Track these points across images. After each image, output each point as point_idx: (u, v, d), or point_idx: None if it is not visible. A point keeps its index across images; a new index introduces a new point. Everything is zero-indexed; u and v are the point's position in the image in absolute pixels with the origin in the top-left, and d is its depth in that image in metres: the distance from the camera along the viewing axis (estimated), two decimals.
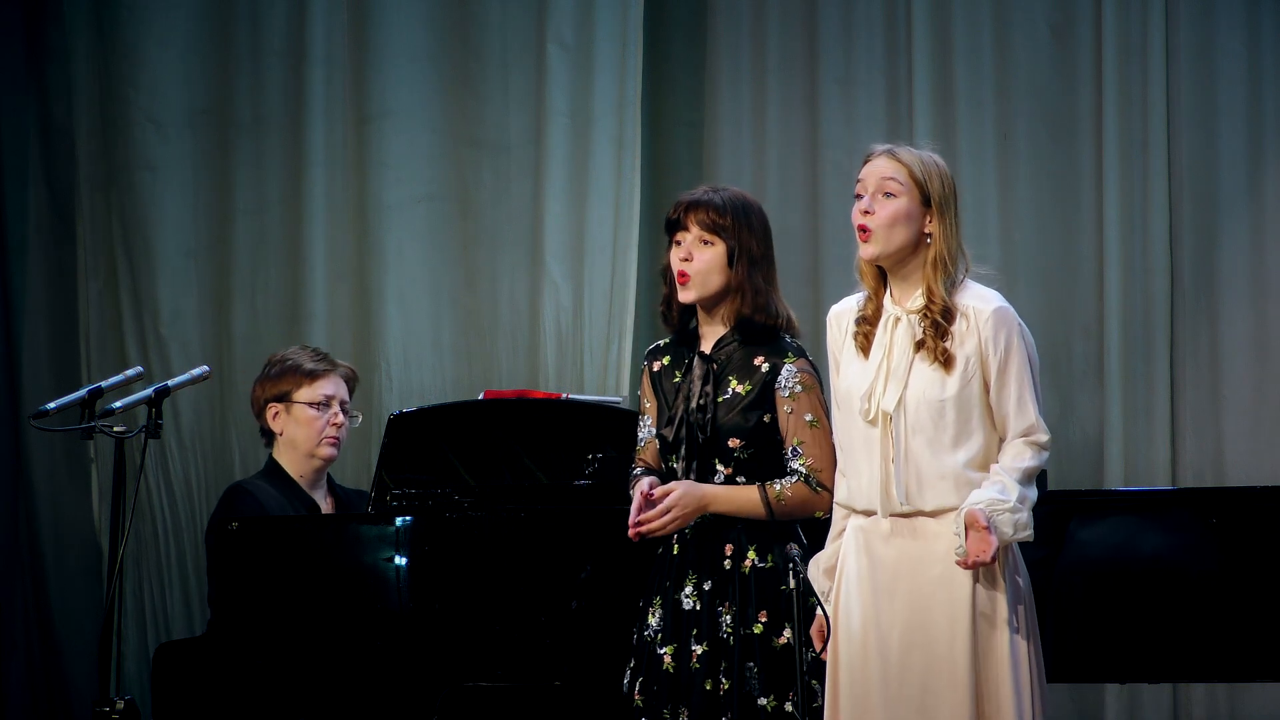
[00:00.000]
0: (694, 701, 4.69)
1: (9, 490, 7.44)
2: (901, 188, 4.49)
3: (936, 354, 4.44)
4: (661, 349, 4.92)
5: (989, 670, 4.39)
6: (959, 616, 4.39)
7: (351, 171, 7.43)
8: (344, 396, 6.19)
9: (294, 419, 6.12)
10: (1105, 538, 5.43)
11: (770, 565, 4.73)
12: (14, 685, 7.40)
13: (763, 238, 4.81)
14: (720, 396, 4.76)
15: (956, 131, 7.11)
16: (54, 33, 7.52)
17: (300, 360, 6.17)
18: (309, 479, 6.15)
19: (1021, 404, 4.43)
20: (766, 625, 4.71)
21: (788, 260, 7.19)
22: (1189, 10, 6.96)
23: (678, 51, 7.47)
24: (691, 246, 4.78)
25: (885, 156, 4.53)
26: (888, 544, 4.47)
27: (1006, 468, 4.40)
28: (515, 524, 5.44)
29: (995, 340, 4.44)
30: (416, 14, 7.41)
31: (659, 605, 4.79)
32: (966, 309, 4.46)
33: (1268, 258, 6.92)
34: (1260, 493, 5.46)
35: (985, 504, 4.34)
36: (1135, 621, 5.37)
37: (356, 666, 5.47)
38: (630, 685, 4.79)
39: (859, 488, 4.51)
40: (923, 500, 4.43)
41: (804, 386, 4.75)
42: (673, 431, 4.78)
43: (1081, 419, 7.03)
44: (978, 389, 4.44)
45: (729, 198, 4.80)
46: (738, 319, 4.78)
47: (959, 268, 4.50)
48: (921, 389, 4.44)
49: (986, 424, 4.45)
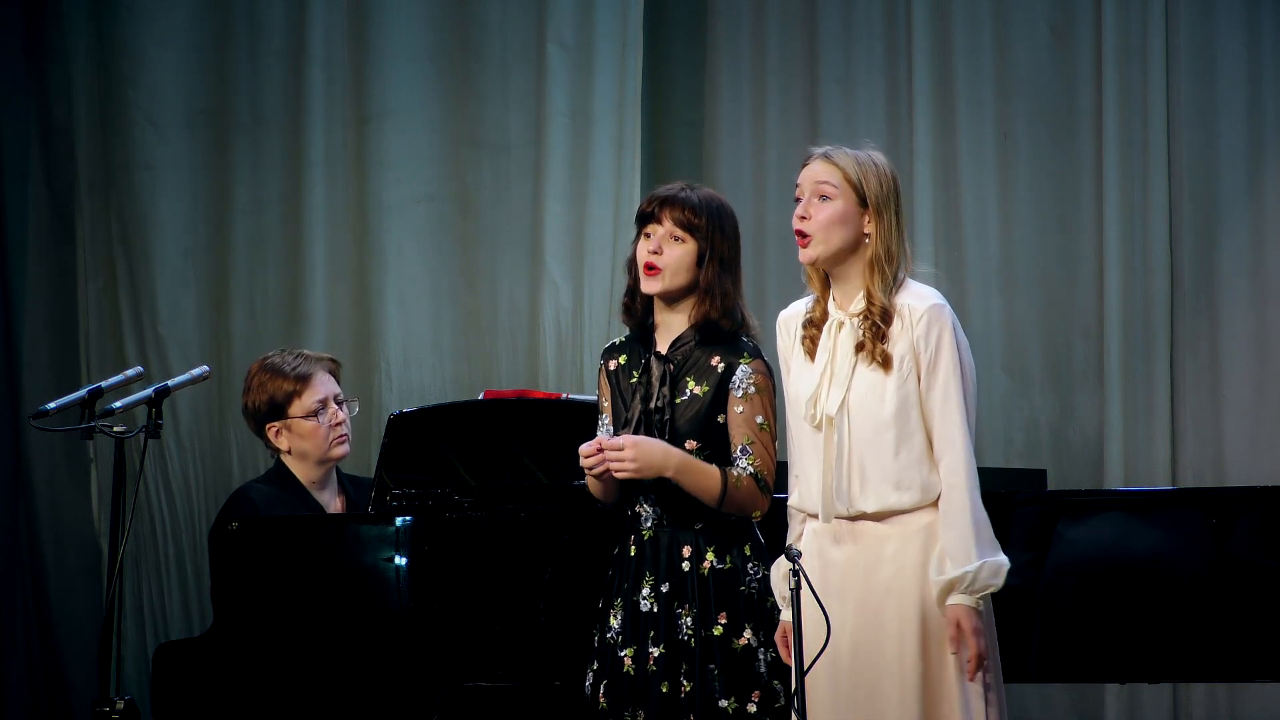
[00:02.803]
0: (651, 703, 4.68)
1: (9, 490, 7.44)
2: (836, 190, 4.49)
3: (875, 355, 4.45)
4: (618, 347, 4.89)
5: (940, 672, 4.38)
6: (908, 618, 4.39)
7: (351, 171, 7.43)
8: (335, 390, 6.12)
9: (296, 434, 6.01)
10: (1105, 538, 5.43)
11: (729, 566, 4.71)
12: (14, 685, 7.40)
13: (734, 241, 4.78)
14: (678, 397, 4.74)
15: (956, 131, 7.12)
16: (54, 33, 7.52)
17: (281, 371, 6.04)
18: (319, 481, 6.12)
19: (945, 407, 4.41)
20: (726, 627, 4.69)
21: (788, 260, 7.19)
22: (1189, 10, 6.96)
23: (678, 51, 7.47)
24: (662, 240, 4.75)
25: (820, 160, 4.53)
26: (837, 547, 4.47)
27: (949, 521, 4.38)
28: (515, 524, 5.44)
29: (927, 338, 4.43)
30: (416, 14, 7.41)
31: (619, 607, 4.77)
32: (902, 308, 4.46)
33: (1268, 258, 6.92)
34: (1260, 493, 5.45)
35: (956, 599, 4.35)
36: (1135, 621, 5.37)
37: (357, 666, 5.47)
38: (594, 688, 4.78)
39: (808, 491, 4.52)
40: (865, 502, 4.43)
41: (757, 388, 4.73)
42: (630, 433, 4.76)
43: (1081, 419, 7.03)
44: (914, 388, 4.44)
45: (704, 198, 4.77)
46: (704, 321, 4.74)
47: (899, 267, 4.49)
48: (863, 392, 4.45)
49: (926, 422, 4.45)
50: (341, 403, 6.11)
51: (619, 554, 4.81)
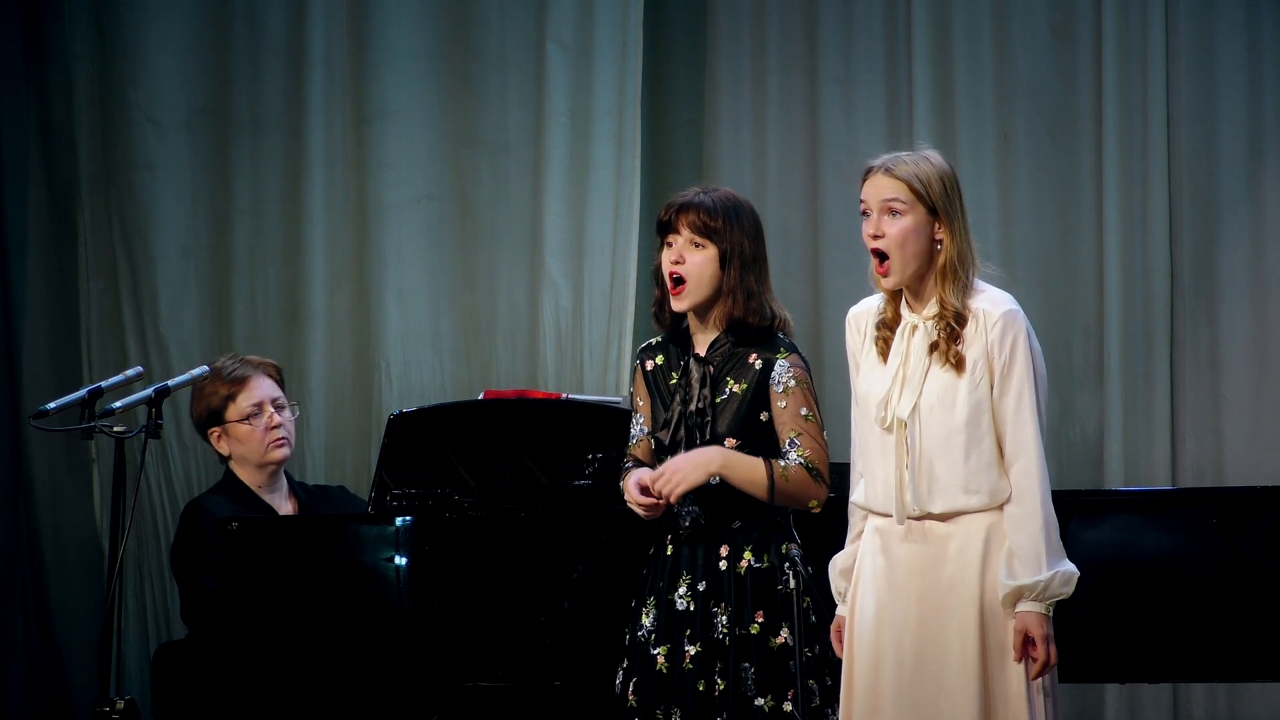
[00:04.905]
0: (687, 702, 4.68)
1: (9, 490, 7.44)
2: (905, 206, 4.48)
3: (949, 357, 4.45)
4: (654, 347, 4.90)
5: (1001, 671, 4.40)
6: (969, 618, 4.41)
7: (351, 171, 7.43)
8: (273, 394, 6.16)
9: (234, 437, 6.11)
10: (1105, 538, 5.43)
11: (766, 565, 4.72)
12: (14, 685, 7.40)
13: (754, 237, 4.79)
14: (718, 398, 4.75)
15: (956, 131, 7.11)
16: (54, 32, 7.52)
17: (218, 376, 6.10)
18: (265, 484, 6.15)
19: (1019, 413, 4.43)
20: (763, 625, 4.70)
21: (788, 260, 7.21)
22: (1189, 10, 6.96)
23: (678, 51, 7.47)
24: (683, 249, 4.76)
25: (883, 174, 4.51)
26: (903, 545, 4.48)
27: (1021, 525, 4.40)
28: (515, 524, 5.44)
29: (1001, 343, 4.44)
30: (416, 14, 7.41)
31: (653, 605, 4.77)
32: (977, 311, 4.46)
33: (1268, 258, 6.92)
34: (1260, 493, 5.46)
35: (1026, 606, 4.37)
36: (1135, 621, 5.37)
37: (356, 666, 5.47)
38: (624, 686, 4.78)
39: (875, 491, 4.52)
40: (934, 504, 4.44)
41: (797, 381, 4.74)
42: (669, 434, 4.77)
43: (1081, 419, 7.03)
44: (986, 392, 4.45)
45: (720, 199, 4.77)
46: (730, 322, 4.76)
47: (969, 270, 4.50)
48: (935, 396, 4.45)
49: (997, 426, 4.46)
50: (281, 407, 6.14)
51: (654, 553, 4.82)
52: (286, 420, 6.14)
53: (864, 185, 4.53)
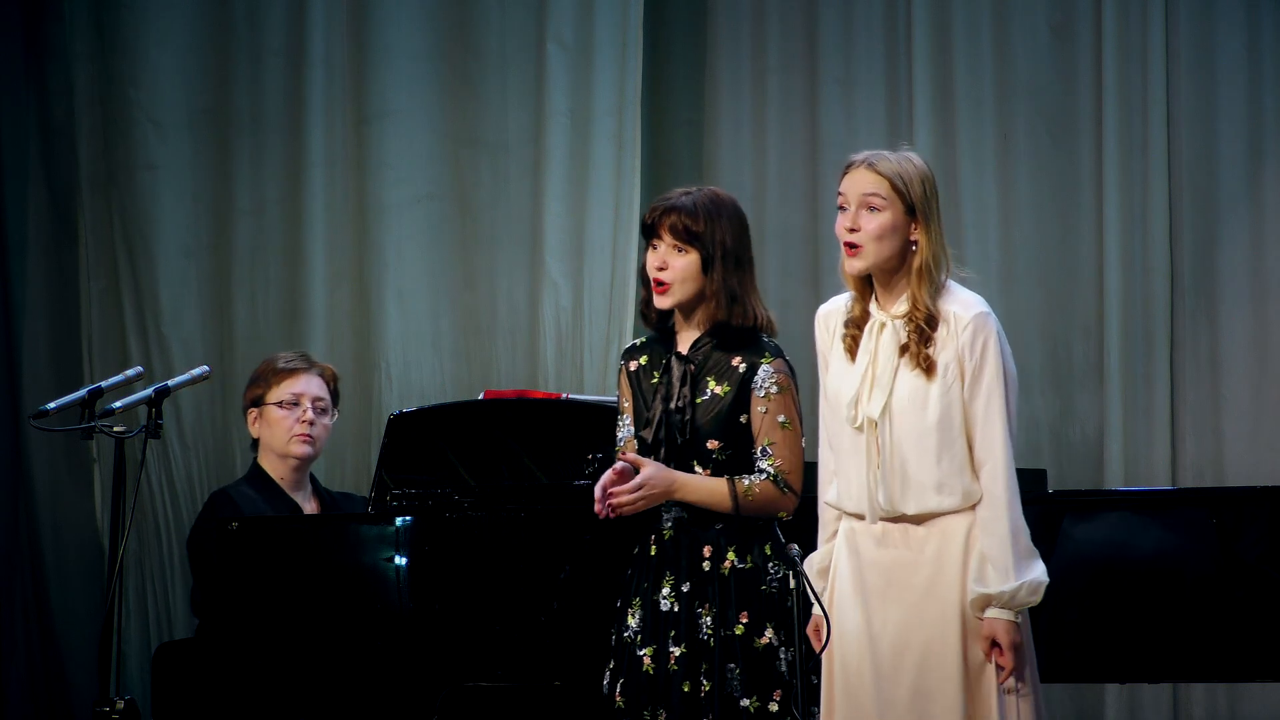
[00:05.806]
0: (673, 703, 4.68)
1: (9, 490, 7.44)
2: (884, 201, 4.49)
3: (919, 360, 4.45)
4: (638, 348, 4.90)
5: (980, 671, 4.40)
6: (949, 618, 4.41)
7: (351, 171, 7.43)
8: (317, 394, 6.18)
9: (266, 421, 6.15)
10: (1105, 538, 5.43)
11: (750, 566, 4.72)
12: (14, 685, 7.40)
13: (738, 237, 4.78)
14: (699, 398, 4.75)
15: (956, 131, 7.11)
16: (54, 32, 7.52)
17: (274, 362, 6.19)
18: (290, 481, 6.16)
19: (988, 415, 4.43)
20: (748, 626, 4.69)
21: (788, 260, 7.21)
22: (1189, 10, 6.96)
23: (678, 51, 7.47)
24: (666, 254, 4.77)
25: (865, 169, 4.52)
26: (878, 547, 4.48)
27: (989, 528, 4.40)
28: (515, 524, 5.44)
29: (972, 346, 4.44)
30: (416, 14, 7.41)
31: (638, 606, 4.77)
32: (948, 315, 4.46)
33: (1268, 258, 6.93)
34: (1260, 493, 5.45)
35: (994, 613, 4.37)
36: (1135, 621, 5.37)
37: (356, 666, 5.47)
38: (610, 686, 4.78)
39: (848, 491, 4.52)
40: (906, 504, 4.44)
41: (780, 388, 4.73)
42: (651, 433, 4.76)
43: (1081, 419, 7.03)
44: (957, 395, 4.45)
45: (702, 202, 4.76)
46: (714, 324, 4.76)
47: (942, 271, 4.50)
48: (906, 397, 4.45)
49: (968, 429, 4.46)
50: (322, 411, 6.16)
51: (639, 553, 4.82)
52: (321, 422, 6.18)
53: (844, 179, 4.54)
